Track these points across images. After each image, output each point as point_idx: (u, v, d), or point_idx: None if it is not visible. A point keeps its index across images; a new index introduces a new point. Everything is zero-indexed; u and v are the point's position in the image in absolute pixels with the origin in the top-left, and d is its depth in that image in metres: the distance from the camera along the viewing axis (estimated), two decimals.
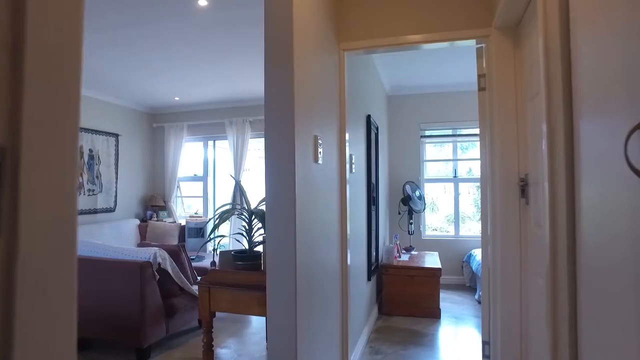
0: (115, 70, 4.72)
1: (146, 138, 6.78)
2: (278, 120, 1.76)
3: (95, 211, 5.78)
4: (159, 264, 3.28)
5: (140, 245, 3.71)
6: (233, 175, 5.81)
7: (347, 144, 2.74)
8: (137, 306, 3.09)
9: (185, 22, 3.46)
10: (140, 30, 3.62)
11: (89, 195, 5.68)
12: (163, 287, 3.33)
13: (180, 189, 7.02)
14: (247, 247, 2.32)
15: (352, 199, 3.01)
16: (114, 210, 6.11)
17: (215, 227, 2.27)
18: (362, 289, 3.49)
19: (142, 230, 6.16)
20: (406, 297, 4.23)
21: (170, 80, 5.14)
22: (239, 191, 5.78)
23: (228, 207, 2.49)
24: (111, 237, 5.59)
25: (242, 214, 2.35)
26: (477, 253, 5.02)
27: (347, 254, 2.71)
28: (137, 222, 6.28)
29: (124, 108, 6.30)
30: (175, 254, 3.51)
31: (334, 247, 2.51)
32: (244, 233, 2.32)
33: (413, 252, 5.10)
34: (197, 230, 6.13)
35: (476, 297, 4.77)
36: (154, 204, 6.66)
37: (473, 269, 4.92)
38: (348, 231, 2.73)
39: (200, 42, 3.87)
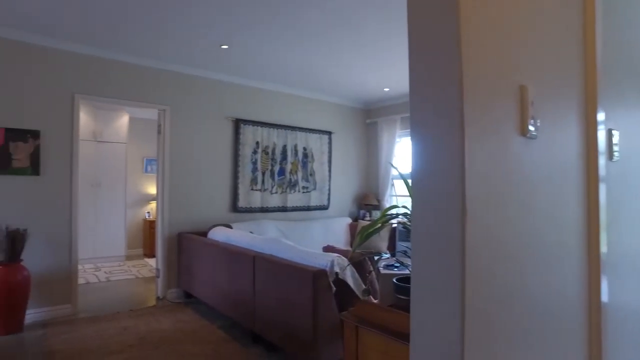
0: (324, 66, 4.66)
1: (359, 135, 6.61)
2: (425, 42, 0.93)
3: (308, 208, 5.91)
4: (336, 273, 2.80)
5: (326, 249, 3.37)
6: None
7: (598, 111, 1.57)
8: (310, 318, 2.69)
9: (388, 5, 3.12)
10: (342, 20, 3.42)
11: (303, 192, 5.84)
12: (342, 301, 2.83)
13: (394, 187, 6.55)
14: None
15: (615, 201, 1.77)
16: (327, 208, 6.14)
17: (359, 244, 1.57)
18: None
19: (352, 230, 5.97)
20: None
21: (379, 70, 4.75)
22: None
23: (396, 210, 1.74)
24: (321, 234, 5.59)
25: (407, 225, 1.58)
26: None
27: (602, 288, 1.55)
28: (349, 221, 6.14)
29: (336, 105, 6.27)
30: (359, 263, 2.97)
31: (570, 278, 1.42)
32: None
33: None
34: (409, 233, 5.52)
35: None
36: (367, 203, 6.42)
37: None
38: (603, 251, 1.57)
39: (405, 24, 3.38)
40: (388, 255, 4.79)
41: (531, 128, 1.15)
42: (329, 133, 6.13)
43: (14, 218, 3.64)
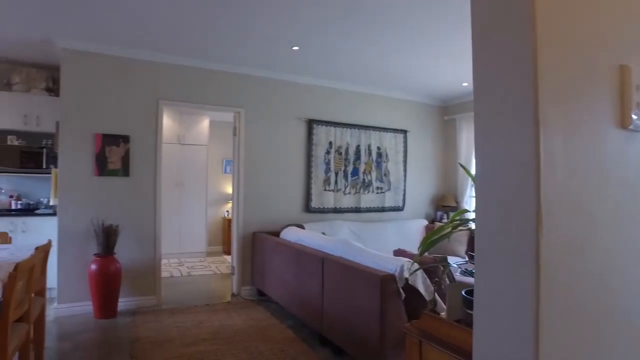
0: (398, 63, 4.52)
1: (436, 133, 6.29)
2: (490, 16, 0.79)
3: (382, 209, 5.75)
4: (406, 279, 2.65)
5: (396, 253, 3.21)
6: None
7: None
8: (377, 325, 2.57)
9: None
10: (415, 14, 3.28)
11: (377, 193, 5.70)
12: (413, 309, 2.67)
13: (474, 188, 6.14)
14: None
15: None
16: (402, 209, 5.94)
17: (422, 252, 1.42)
18: None
19: (428, 232, 5.69)
20: None
21: (456, 63, 4.44)
22: None
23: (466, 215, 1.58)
24: (395, 236, 5.41)
25: None
26: None
27: None
28: (425, 223, 5.88)
29: (412, 103, 6.03)
30: (432, 269, 2.78)
31: None
32: None
33: None
34: None
35: None
36: (444, 204, 6.10)
37: None
38: None
39: None
40: (463, 261, 4.48)
41: (635, 117, 0.93)
42: (404, 132, 5.91)
43: (109, 215, 4.00)
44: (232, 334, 3.41)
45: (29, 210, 4.59)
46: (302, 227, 4.63)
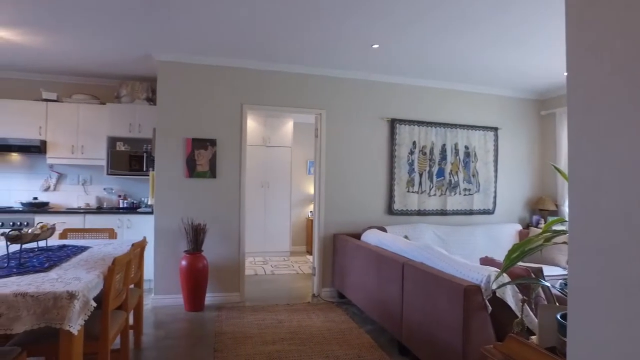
0: (489, 54, 4.17)
1: (532, 129, 5.73)
2: None
3: (471, 212, 5.38)
4: (493, 291, 2.40)
5: (483, 261, 2.93)
6: None
7: None
8: (459, 339, 2.37)
9: None
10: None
11: (464, 195, 5.35)
12: (500, 324, 2.42)
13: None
14: None
15: None
16: (492, 213, 5.50)
17: (507, 267, 1.24)
18: None
19: (522, 238, 5.19)
20: None
21: (556, 51, 3.95)
22: None
23: (561, 227, 1.36)
24: (484, 242, 5.04)
25: None
26: None
27: None
28: (518, 227, 5.38)
29: (503, 98, 5.56)
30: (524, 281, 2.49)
31: None
32: None
33: None
34: None
35: None
36: (542, 208, 5.53)
37: None
38: None
39: None
40: (563, 274, 3.99)
41: None
42: (495, 129, 5.47)
43: (197, 214, 4.27)
44: (310, 335, 3.41)
45: (132, 209, 5.09)
46: (383, 229, 4.51)
